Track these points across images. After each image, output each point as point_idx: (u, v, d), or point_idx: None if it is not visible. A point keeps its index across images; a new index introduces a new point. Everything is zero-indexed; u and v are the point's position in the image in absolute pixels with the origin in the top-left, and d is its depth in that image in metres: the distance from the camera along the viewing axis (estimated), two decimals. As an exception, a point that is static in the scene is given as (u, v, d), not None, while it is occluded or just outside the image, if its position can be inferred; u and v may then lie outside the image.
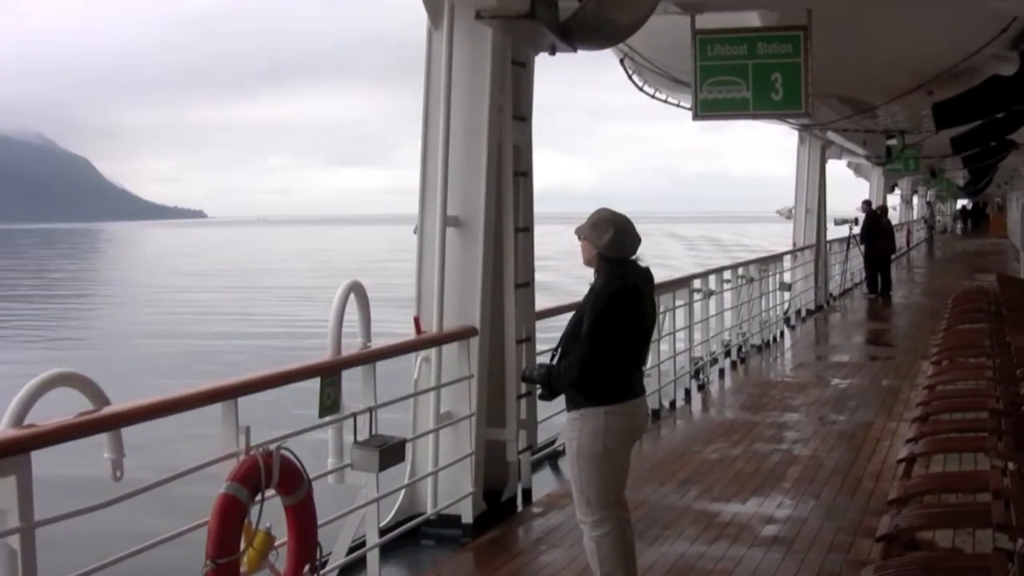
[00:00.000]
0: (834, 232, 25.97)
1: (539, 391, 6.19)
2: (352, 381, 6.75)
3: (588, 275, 6.06)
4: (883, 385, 13.81)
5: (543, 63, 8.75)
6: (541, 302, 9.05)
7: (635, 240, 5.98)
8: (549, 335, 7.41)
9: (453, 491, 7.96)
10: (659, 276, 6.90)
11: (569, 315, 6.12)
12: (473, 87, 8.02)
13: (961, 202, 78.37)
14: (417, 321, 8.10)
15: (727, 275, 16.25)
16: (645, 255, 5.98)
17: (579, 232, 6.05)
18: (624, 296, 5.85)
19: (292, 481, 5.24)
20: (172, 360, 29.33)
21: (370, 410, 6.57)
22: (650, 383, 11.63)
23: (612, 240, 5.90)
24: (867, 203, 27.73)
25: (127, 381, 22.68)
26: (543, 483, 9.26)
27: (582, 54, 8.62)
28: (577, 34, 8.23)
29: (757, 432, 11.07)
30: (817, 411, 12.20)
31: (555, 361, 5.99)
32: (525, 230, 8.54)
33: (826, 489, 8.85)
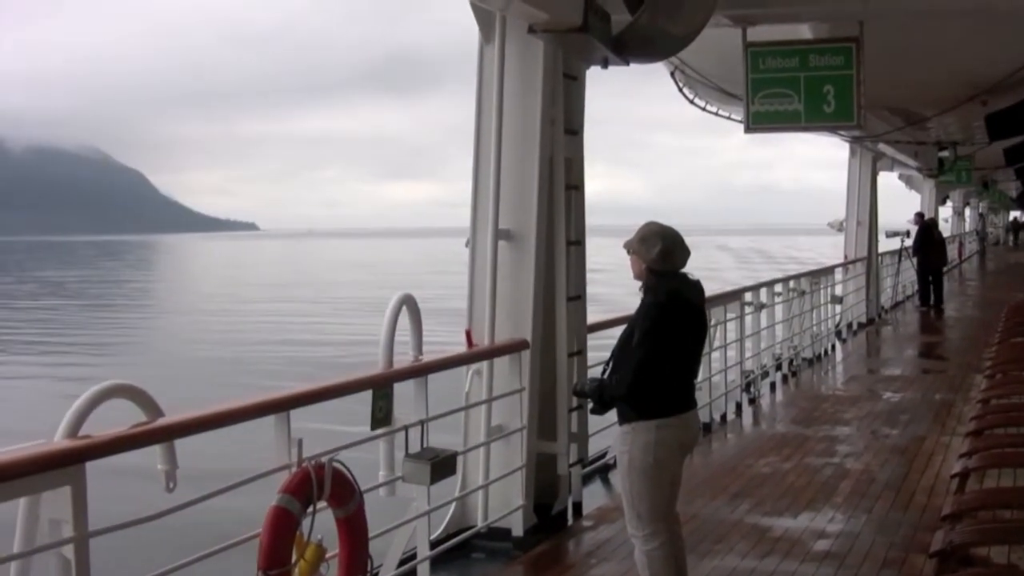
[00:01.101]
0: (885, 244, 25.73)
1: (590, 405, 6.14)
2: (404, 394, 6.73)
3: (639, 288, 6.01)
4: (936, 399, 13.62)
5: (594, 75, 8.72)
6: (592, 315, 9.00)
7: (684, 253, 5.93)
8: (601, 347, 7.37)
9: (504, 504, 7.92)
10: (709, 289, 6.84)
11: (620, 328, 6.07)
12: (525, 100, 7.99)
13: (1014, 214, 77.40)
14: (469, 334, 8.08)
15: (778, 288, 16.13)
16: (695, 268, 5.93)
17: (628, 246, 6.00)
18: (675, 309, 5.79)
19: (344, 493, 5.22)
20: (233, 368, 29.65)
21: (421, 423, 6.56)
22: (701, 396, 11.56)
23: (661, 253, 5.85)
24: (919, 215, 27.44)
25: (193, 388, 23.02)
26: (594, 496, 9.19)
27: (633, 67, 8.57)
28: (630, 47, 8.18)
29: (809, 446, 10.94)
30: (869, 425, 12.04)
31: (606, 375, 5.94)
32: (577, 243, 8.50)
33: (879, 504, 8.73)
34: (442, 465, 6.41)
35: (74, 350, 36.72)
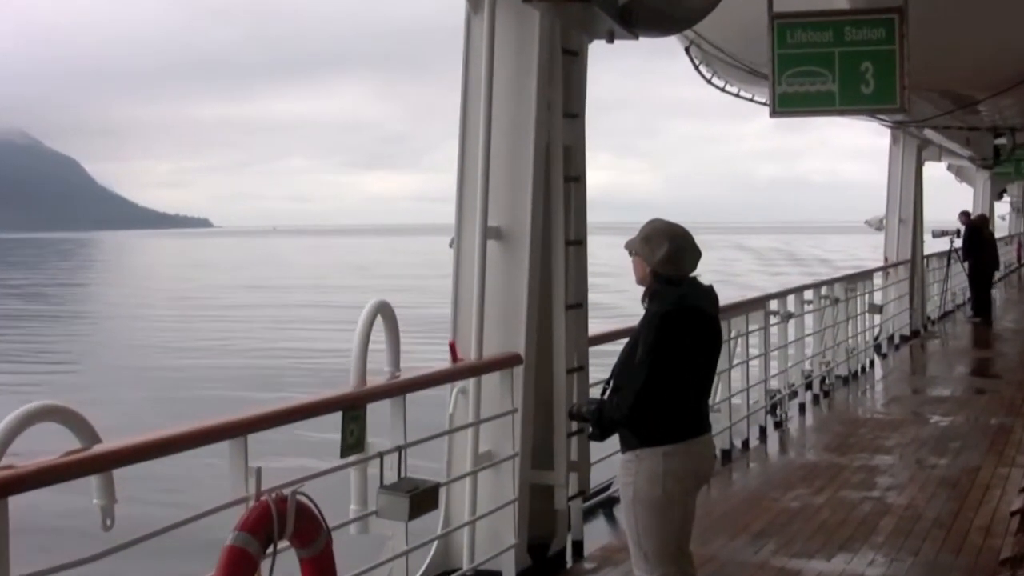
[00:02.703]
0: (932, 245, 25.73)
1: (589, 430, 6.13)
2: (379, 416, 6.73)
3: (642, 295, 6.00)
4: (991, 423, 13.64)
5: (598, 52, 8.73)
6: (595, 325, 9.00)
7: (695, 255, 5.92)
8: (605, 362, 7.35)
9: (493, 543, 7.89)
10: (728, 295, 6.85)
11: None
12: (518, 80, 7.99)
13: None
14: (453, 347, 8.07)
15: (808, 295, 16.15)
16: (709, 271, 5.93)
17: (630, 247, 5.99)
18: (684, 318, 5.78)
19: (309, 531, 5.21)
20: (184, 384, 29.72)
21: (399, 449, 6.54)
22: (720, 420, 11.57)
23: (668, 255, 5.84)
24: (965, 214, 27.40)
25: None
26: (597, 534, 9.19)
27: (644, 42, 8.57)
28: (639, 19, 8.18)
29: (844, 477, 10.95)
30: (914, 453, 12.05)
31: (606, 395, 5.93)
32: (577, 243, 8.49)
33: (926, 544, 8.72)
34: (422, 498, 6.39)
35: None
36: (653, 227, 5.96)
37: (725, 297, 6.35)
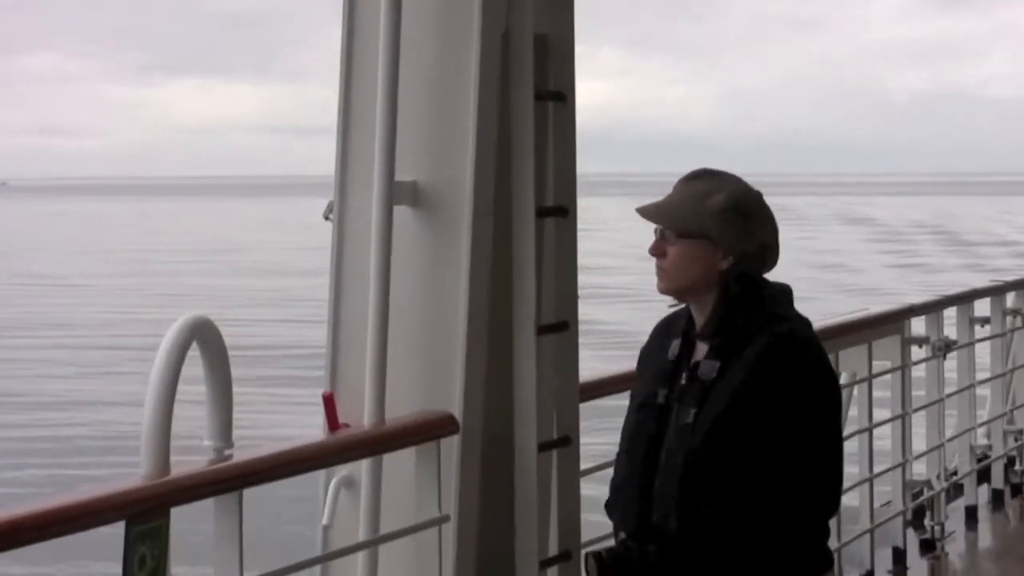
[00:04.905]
0: None
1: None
2: (193, 526, 6.73)
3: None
4: None
5: None
6: (592, 363, 8.92)
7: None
8: (610, 427, 7.27)
9: None
10: (829, 308, 6.75)
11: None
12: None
13: None
14: (330, 401, 7.92)
15: (981, 309, 16.09)
16: (792, 260, 5.91)
17: (668, 217, 5.91)
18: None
19: None
20: None
21: (231, 588, 6.48)
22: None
23: (771, 239, 5.90)
24: None
25: None
26: None
27: None
28: None
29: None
30: None
31: (663, 517, 5.88)
32: (559, 212, 8.36)
33: None
34: None
35: None
36: (738, 188, 5.93)
37: (825, 311, 6.30)
